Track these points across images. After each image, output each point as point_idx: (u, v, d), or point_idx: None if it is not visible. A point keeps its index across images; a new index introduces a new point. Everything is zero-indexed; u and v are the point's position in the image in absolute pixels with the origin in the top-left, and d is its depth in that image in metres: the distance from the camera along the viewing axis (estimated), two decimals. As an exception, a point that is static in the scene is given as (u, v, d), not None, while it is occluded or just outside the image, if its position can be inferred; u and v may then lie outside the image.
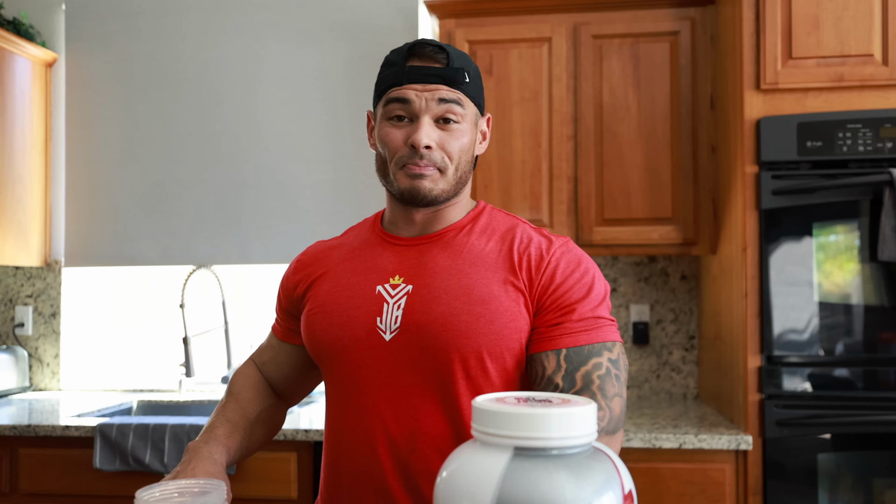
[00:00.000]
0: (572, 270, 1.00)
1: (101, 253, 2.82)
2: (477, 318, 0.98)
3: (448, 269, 1.02)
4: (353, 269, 1.07)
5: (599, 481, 0.62)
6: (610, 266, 2.63)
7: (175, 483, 0.75)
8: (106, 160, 2.84)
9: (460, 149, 1.02)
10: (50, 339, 2.87)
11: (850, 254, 1.91)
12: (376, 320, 1.01)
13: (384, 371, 1.01)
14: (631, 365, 2.60)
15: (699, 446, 1.91)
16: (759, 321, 1.95)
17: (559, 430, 0.64)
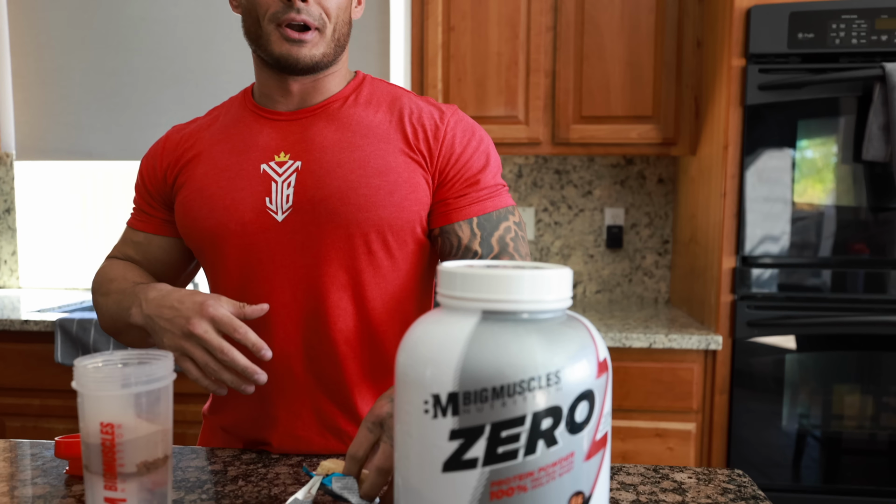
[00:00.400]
0: (469, 139, 0.98)
1: (55, 146, 2.69)
2: (376, 190, 0.93)
3: (338, 142, 0.95)
4: (231, 149, 0.98)
5: (574, 348, 0.56)
6: (586, 168, 2.56)
7: (122, 353, 0.68)
8: (55, 46, 2.66)
9: (338, 6, 0.94)
10: (6, 236, 2.77)
11: (834, 153, 1.85)
12: (265, 201, 0.94)
13: (279, 254, 0.94)
14: (603, 269, 2.57)
15: (669, 346, 1.90)
16: (736, 222, 1.91)
17: (531, 293, 0.57)
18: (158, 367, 0.66)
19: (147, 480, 0.64)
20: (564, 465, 0.55)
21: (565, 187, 2.57)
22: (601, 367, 0.57)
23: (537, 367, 0.53)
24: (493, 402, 0.53)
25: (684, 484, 0.84)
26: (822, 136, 1.85)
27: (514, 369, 0.53)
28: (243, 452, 0.95)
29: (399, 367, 0.60)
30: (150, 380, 0.64)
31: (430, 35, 2.26)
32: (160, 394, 0.66)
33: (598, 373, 0.57)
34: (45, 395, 2.16)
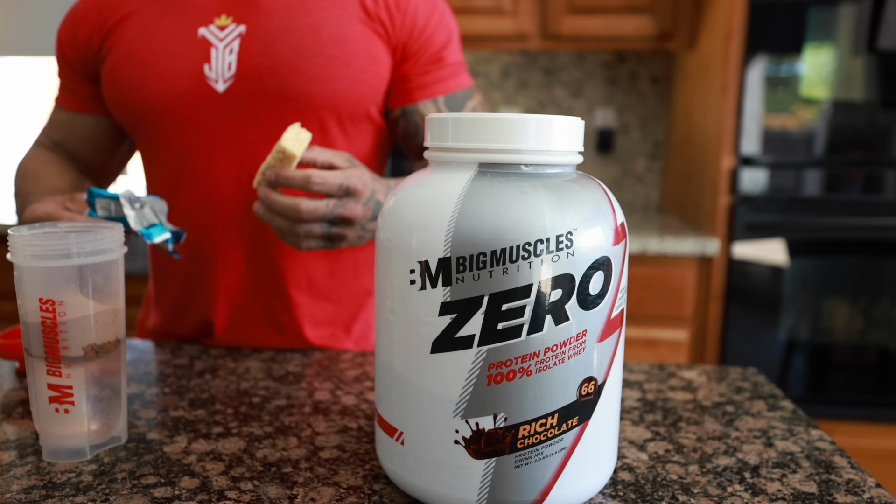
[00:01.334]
0: (432, 11, 0.88)
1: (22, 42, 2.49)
2: (331, 60, 0.82)
3: (287, 5, 0.83)
4: (164, 10, 0.84)
5: (588, 208, 0.47)
6: (576, 65, 2.42)
7: (64, 223, 0.59)
8: None
9: None
10: None
11: (845, 45, 1.74)
12: (203, 68, 0.82)
13: (221, 128, 0.83)
14: (592, 174, 2.47)
15: (663, 250, 1.83)
16: (735, 119, 1.81)
17: (536, 142, 0.47)
18: (107, 236, 0.56)
19: (96, 366, 0.56)
20: (575, 345, 0.47)
21: (554, 87, 2.43)
22: (618, 232, 0.48)
23: (545, 228, 0.44)
24: (492, 269, 0.44)
25: (694, 381, 0.77)
26: (833, 27, 1.73)
27: (517, 230, 0.44)
28: (211, 348, 0.86)
29: (380, 238, 0.51)
30: (96, 250, 0.55)
31: (411, -84, 2.07)
32: (110, 268, 0.56)
33: (616, 239, 0.48)
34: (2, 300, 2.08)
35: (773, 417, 0.67)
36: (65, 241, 0.54)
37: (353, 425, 0.64)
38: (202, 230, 0.86)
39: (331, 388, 0.73)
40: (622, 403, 0.70)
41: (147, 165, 0.89)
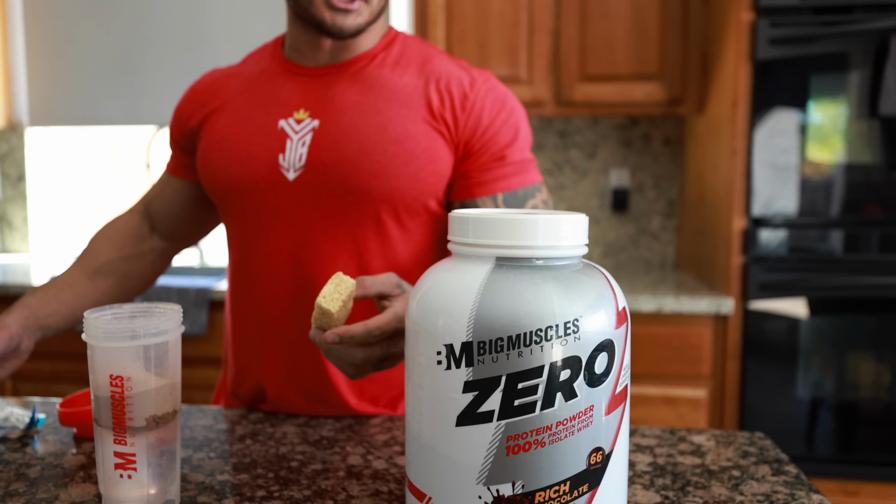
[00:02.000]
0: (499, 111, 0.93)
1: (66, 113, 2.69)
2: (391, 158, 0.88)
3: (359, 104, 0.91)
4: (253, 102, 0.95)
5: (592, 295, 0.53)
6: (590, 129, 2.51)
7: (129, 305, 0.66)
8: (66, 15, 2.65)
9: None
10: (18, 203, 2.77)
11: (847, 109, 1.81)
12: (278, 157, 0.90)
13: (287, 213, 0.91)
14: (608, 232, 2.54)
15: (678, 309, 1.88)
16: (745, 182, 1.87)
17: (546, 239, 0.54)
18: (167, 319, 0.64)
19: (156, 435, 0.63)
20: (583, 418, 0.52)
21: (569, 149, 2.52)
22: (620, 316, 0.55)
23: (555, 316, 0.51)
24: (509, 352, 0.50)
25: (703, 446, 0.82)
26: (836, 91, 1.81)
27: (530, 317, 0.50)
28: (250, 412, 0.93)
29: (410, 319, 0.58)
30: (158, 332, 0.62)
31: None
32: (168, 347, 0.64)
33: (618, 322, 0.54)
34: (56, 359, 2.17)
35: (777, 482, 0.72)
36: (132, 324, 0.62)
37: (385, 489, 0.69)
38: (264, 302, 0.94)
39: (362, 453, 0.79)
40: (634, 468, 0.75)
41: (228, 236, 1.00)
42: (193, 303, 2.09)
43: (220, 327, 2.10)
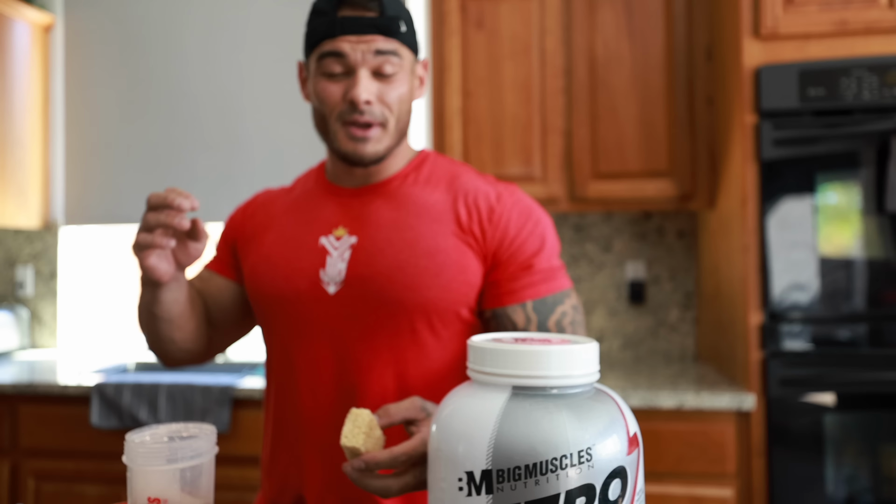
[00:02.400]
0: (525, 222, 0.99)
1: (98, 212, 2.81)
2: (423, 271, 0.94)
3: (393, 220, 0.98)
4: (297, 220, 1.03)
5: (603, 423, 0.56)
6: (604, 223, 2.57)
7: (165, 426, 0.70)
8: (102, 121, 2.81)
9: (399, 99, 0.98)
10: (49, 300, 2.86)
11: (856, 206, 1.85)
12: (319, 273, 0.97)
13: (328, 325, 0.97)
14: (627, 324, 2.55)
15: (699, 406, 1.87)
16: (759, 277, 1.90)
17: (559, 369, 0.58)
18: (202, 442, 0.67)
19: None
20: (600, 542, 0.55)
21: (585, 242, 2.58)
22: (632, 442, 0.58)
23: (569, 445, 0.54)
24: (527, 480, 0.53)
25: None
26: (843, 189, 1.86)
27: (545, 447, 0.54)
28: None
29: (432, 442, 0.61)
30: (194, 455, 0.66)
31: (448, 100, 2.32)
32: (202, 468, 0.67)
33: (630, 449, 0.57)
34: (80, 458, 2.18)
35: None
36: (171, 448, 0.65)
37: None
38: (305, 411, 0.98)
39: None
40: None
41: (266, 343, 1.04)
42: (216, 401, 2.12)
43: (244, 425, 2.11)
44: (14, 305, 2.81)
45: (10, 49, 2.66)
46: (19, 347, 2.78)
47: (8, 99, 2.65)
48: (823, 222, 1.86)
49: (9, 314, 2.74)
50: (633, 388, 1.95)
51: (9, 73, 2.65)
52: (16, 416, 2.21)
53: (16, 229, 2.89)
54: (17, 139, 2.69)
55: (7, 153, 2.64)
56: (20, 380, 2.19)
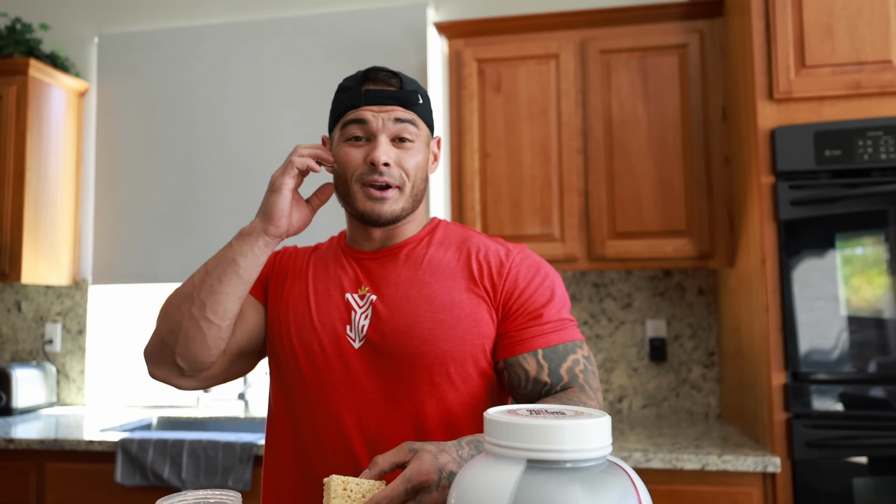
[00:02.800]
0: (533, 276, 1.04)
1: (126, 271, 2.88)
2: (439, 324, 0.99)
3: (410, 279, 1.04)
4: (323, 277, 1.08)
5: (615, 496, 0.57)
6: (624, 280, 2.58)
7: (193, 493, 0.73)
8: (131, 182, 2.90)
9: (416, 166, 1.04)
10: (76, 356, 2.91)
11: (878, 265, 1.85)
12: (346, 328, 1.02)
13: (351, 377, 1.01)
14: (648, 382, 2.53)
15: (723, 468, 1.84)
16: (781, 336, 1.89)
17: (573, 443, 0.59)
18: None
19: None
20: None
21: (604, 300, 2.58)
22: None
23: (582, 519, 0.55)
24: (541, 555, 0.54)
25: None
26: (862, 248, 1.86)
27: (559, 521, 0.55)
28: None
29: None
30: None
31: (467, 162, 2.38)
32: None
33: (643, 521, 0.58)
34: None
35: None
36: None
37: None
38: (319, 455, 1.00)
39: None
40: None
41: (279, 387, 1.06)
42: (238, 458, 2.13)
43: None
44: (42, 362, 2.87)
45: (47, 113, 2.79)
46: (46, 403, 2.83)
47: (44, 161, 2.76)
48: (846, 283, 1.86)
49: (37, 370, 2.79)
50: (656, 448, 1.93)
51: (45, 136, 2.77)
52: (42, 473, 2.24)
53: (46, 286, 2.96)
54: (50, 200, 2.79)
55: (41, 213, 2.74)
56: (46, 436, 2.23)
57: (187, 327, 0.98)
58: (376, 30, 2.76)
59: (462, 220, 2.37)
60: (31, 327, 2.96)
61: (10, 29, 2.82)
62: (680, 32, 2.32)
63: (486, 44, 2.42)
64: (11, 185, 2.67)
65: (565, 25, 2.38)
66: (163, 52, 2.92)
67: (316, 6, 2.88)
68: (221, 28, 2.88)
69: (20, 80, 2.70)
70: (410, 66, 2.72)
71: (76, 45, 3.05)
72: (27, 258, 2.67)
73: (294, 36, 2.82)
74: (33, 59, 2.70)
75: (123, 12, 3.02)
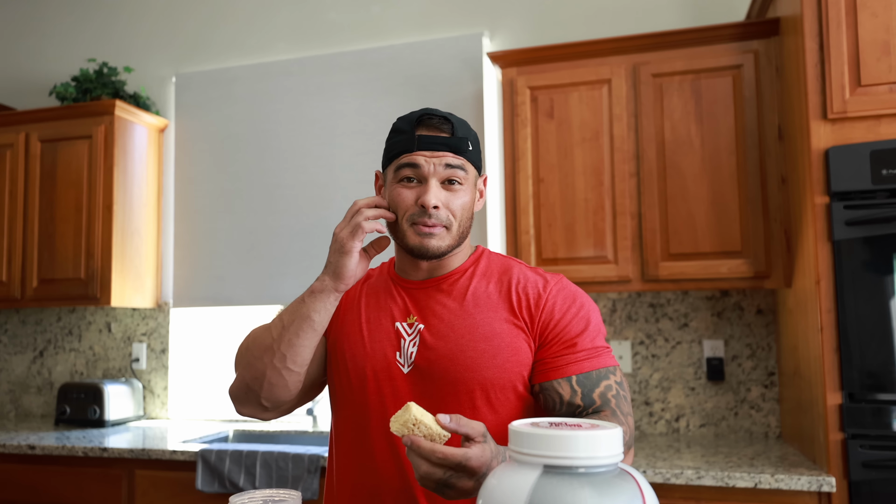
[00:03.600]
0: (569, 306, 1.12)
1: (202, 295, 3.09)
2: (481, 353, 1.08)
3: (455, 310, 1.13)
4: (374, 306, 1.18)
5: (623, 499, 0.65)
6: (680, 301, 2.60)
7: (261, 492, 0.84)
8: (207, 212, 3.12)
9: (462, 207, 1.13)
10: (160, 373, 3.13)
11: (933, 284, 1.83)
12: (395, 355, 1.12)
13: (399, 400, 1.10)
14: (706, 402, 2.54)
15: (777, 486, 1.85)
16: (837, 357, 1.89)
17: (586, 451, 0.67)
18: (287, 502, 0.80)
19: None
20: None
21: (661, 320, 2.60)
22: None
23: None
24: (553, 548, 0.62)
25: None
26: (919, 268, 1.84)
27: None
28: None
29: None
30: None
31: (522, 187, 2.46)
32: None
33: (648, 522, 0.65)
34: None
35: None
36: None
37: None
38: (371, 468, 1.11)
39: None
40: None
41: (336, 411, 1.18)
42: (306, 469, 2.26)
43: (329, 495, 2.23)
44: (129, 378, 3.09)
45: (132, 150, 3.03)
46: (134, 416, 3.05)
47: (129, 193, 3.00)
48: (902, 302, 1.84)
49: (125, 386, 3.02)
50: (708, 466, 1.95)
51: (129, 171, 3.01)
52: (132, 479, 2.44)
53: (133, 308, 3.19)
54: (135, 229, 3.03)
55: (127, 242, 2.97)
56: (135, 446, 2.43)
57: (270, 376, 1.11)
58: (433, 61, 2.89)
59: (517, 244, 2.45)
60: (120, 346, 3.20)
61: (98, 73, 3.08)
62: (734, 53, 2.35)
63: (538, 71, 2.50)
64: (101, 216, 2.91)
65: (617, 51, 2.44)
66: (234, 88, 3.13)
67: (376, 40, 3.03)
68: (288, 64, 3.06)
69: (107, 119, 2.94)
70: (466, 95, 2.83)
71: (156, 84, 3.30)
72: (116, 283, 2.90)
73: (356, 69, 2.98)
74: (118, 100, 2.94)
75: (198, 53, 3.25)
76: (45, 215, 2.99)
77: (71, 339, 3.26)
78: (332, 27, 3.08)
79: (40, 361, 3.30)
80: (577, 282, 2.38)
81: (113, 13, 3.39)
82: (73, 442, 2.52)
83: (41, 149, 3.02)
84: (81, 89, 3.07)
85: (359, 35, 3.06)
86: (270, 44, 3.16)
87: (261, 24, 3.17)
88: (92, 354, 3.23)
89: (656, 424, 2.57)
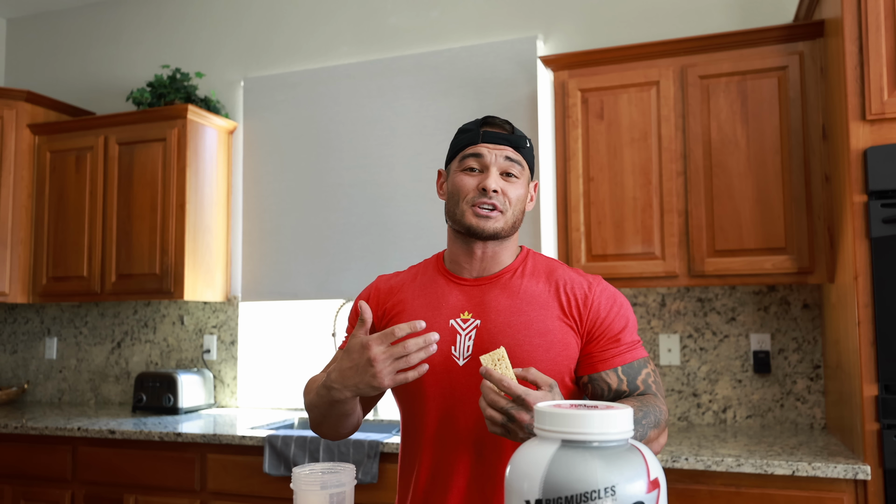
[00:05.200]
0: (611, 306, 1.26)
1: (269, 289, 3.29)
2: (535, 347, 1.22)
3: (509, 307, 1.25)
4: (427, 304, 1.29)
5: (629, 470, 0.79)
6: (728, 295, 2.67)
7: (321, 464, 1.01)
8: (273, 210, 3.33)
9: (517, 197, 1.26)
10: (230, 364, 3.36)
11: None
12: (451, 349, 1.24)
13: (459, 390, 1.23)
14: (753, 394, 2.61)
15: (813, 474, 1.93)
16: (874, 350, 1.95)
17: (599, 428, 0.81)
18: (345, 475, 0.97)
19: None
20: (624, 555, 0.76)
21: (709, 314, 2.69)
22: (652, 484, 0.79)
23: (598, 483, 0.77)
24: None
25: None
26: (959, 265, 1.88)
27: (580, 484, 0.77)
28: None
29: (507, 478, 0.86)
30: (339, 484, 0.95)
31: (573, 186, 2.58)
32: (345, 495, 0.96)
33: (649, 489, 0.79)
34: (255, 501, 2.58)
35: None
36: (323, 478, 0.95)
37: None
38: (440, 458, 1.24)
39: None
40: None
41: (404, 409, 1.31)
42: (366, 454, 2.44)
43: (389, 477, 2.42)
44: (201, 369, 3.34)
45: (203, 151, 3.25)
46: (206, 405, 3.29)
47: (200, 193, 3.22)
48: (940, 298, 1.89)
49: (197, 376, 3.26)
50: (748, 454, 2.04)
51: (201, 171, 3.23)
52: (204, 463, 2.66)
53: (204, 302, 3.44)
54: (206, 227, 3.25)
55: (198, 239, 3.20)
56: (207, 431, 2.65)
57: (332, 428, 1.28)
58: (489, 63, 3.03)
59: (568, 241, 2.58)
60: (192, 338, 3.45)
61: (172, 78, 3.31)
62: (779, 55, 2.41)
63: (589, 74, 2.61)
64: (174, 215, 3.13)
65: (665, 54, 2.53)
66: (299, 91, 3.33)
67: (433, 44, 3.18)
68: (350, 68, 3.25)
69: (180, 123, 3.16)
70: (521, 97, 2.96)
71: (225, 88, 3.53)
72: (188, 278, 3.11)
73: (415, 72, 3.14)
74: (191, 105, 3.16)
75: (265, 57, 3.47)
76: (122, 214, 3.21)
77: (146, 331, 3.52)
78: (393, 31, 3.25)
79: (118, 352, 3.56)
80: (625, 277, 2.49)
81: (185, 22, 3.63)
82: (150, 427, 2.73)
83: (119, 151, 3.25)
84: (156, 94, 3.29)
85: (418, 39, 3.21)
86: (333, 48, 3.34)
87: (323, 30, 3.36)
88: (166, 346, 3.48)
89: (704, 415, 2.67)
